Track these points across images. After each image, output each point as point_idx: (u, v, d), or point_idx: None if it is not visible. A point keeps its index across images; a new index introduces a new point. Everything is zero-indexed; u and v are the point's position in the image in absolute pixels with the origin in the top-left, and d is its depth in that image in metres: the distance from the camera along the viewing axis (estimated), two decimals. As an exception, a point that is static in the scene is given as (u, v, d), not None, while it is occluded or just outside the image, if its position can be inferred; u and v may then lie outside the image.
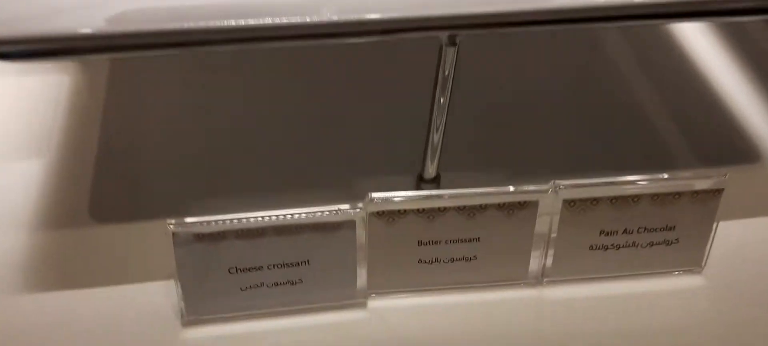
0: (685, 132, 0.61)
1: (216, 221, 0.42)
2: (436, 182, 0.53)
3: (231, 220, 0.42)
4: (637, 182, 0.45)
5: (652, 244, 0.47)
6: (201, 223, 0.42)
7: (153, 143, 0.59)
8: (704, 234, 0.48)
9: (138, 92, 0.64)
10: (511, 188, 0.44)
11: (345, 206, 0.43)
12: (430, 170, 0.52)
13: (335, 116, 0.62)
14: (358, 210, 0.43)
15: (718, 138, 0.61)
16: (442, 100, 0.47)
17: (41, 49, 0.39)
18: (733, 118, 0.63)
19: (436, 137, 0.50)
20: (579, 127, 0.61)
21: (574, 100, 0.64)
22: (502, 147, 0.59)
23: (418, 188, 0.53)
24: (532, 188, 0.44)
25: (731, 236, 0.51)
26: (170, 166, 0.57)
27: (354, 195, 0.49)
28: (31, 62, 0.48)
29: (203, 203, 0.54)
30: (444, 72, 0.45)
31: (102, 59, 0.65)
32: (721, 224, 0.48)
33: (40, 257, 0.51)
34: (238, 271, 0.44)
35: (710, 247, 0.48)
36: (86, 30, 0.38)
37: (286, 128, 0.61)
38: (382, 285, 0.47)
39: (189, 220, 0.42)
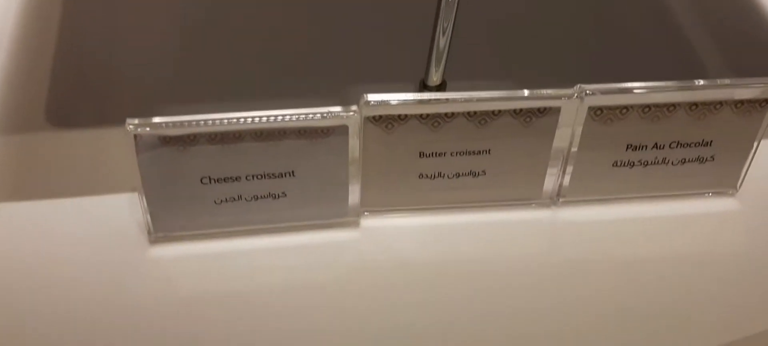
0: (724, 41, 0.55)
1: (185, 122, 0.36)
2: (441, 90, 0.47)
3: (203, 121, 0.36)
4: (675, 88, 0.39)
5: (684, 161, 0.42)
6: (167, 124, 0.36)
7: (119, 41, 0.52)
8: (743, 152, 0.42)
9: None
10: (530, 92, 0.38)
11: (336, 109, 0.37)
12: (435, 77, 0.46)
13: (332, 17, 0.55)
14: (351, 113, 0.37)
15: (761, 48, 0.55)
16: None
17: None
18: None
19: (442, 41, 0.43)
20: (603, 34, 0.55)
21: (598, 4, 0.57)
22: (515, 56, 0.53)
23: (419, 97, 0.47)
24: (553, 92, 0.38)
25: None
26: (139, 66, 0.50)
27: (349, 103, 0.43)
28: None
29: (175, 108, 0.48)
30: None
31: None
32: (764, 142, 0.42)
33: (-10, 164, 0.45)
34: (212, 181, 0.38)
35: (748, 167, 0.43)
36: None
37: (275, 29, 0.54)
38: (378, 202, 0.41)
39: (154, 120, 0.36)
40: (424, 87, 0.46)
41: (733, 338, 0.39)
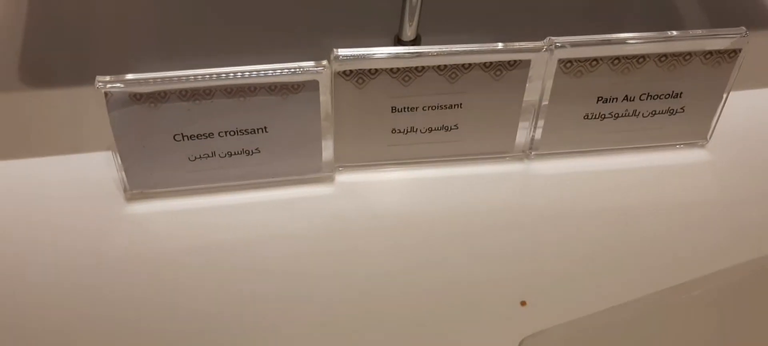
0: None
1: (155, 79, 0.36)
2: (416, 45, 0.47)
3: (173, 78, 0.36)
4: (644, 40, 0.39)
5: (654, 113, 0.42)
6: (137, 80, 0.36)
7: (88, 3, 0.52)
8: (713, 103, 0.43)
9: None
10: (500, 45, 0.38)
11: (308, 64, 0.37)
12: (409, 31, 0.46)
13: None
14: (321, 68, 0.37)
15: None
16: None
17: None
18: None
19: (415, -7, 0.43)
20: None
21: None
22: (491, 8, 0.53)
23: (394, 52, 0.47)
24: (523, 45, 0.38)
25: (741, 107, 0.46)
26: (112, 24, 0.50)
27: (322, 58, 0.43)
28: None
29: (149, 65, 0.47)
30: None
31: None
32: (733, 93, 0.43)
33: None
34: (185, 138, 0.38)
35: (718, 118, 0.44)
36: None
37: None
38: (351, 157, 0.42)
39: (124, 77, 0.36)
40: (398, 42, 0.46)
41: (701, 274, 0.40)
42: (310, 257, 0.40)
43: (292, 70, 0.37)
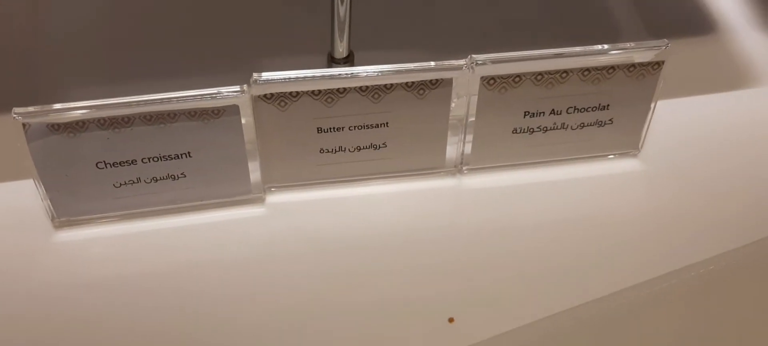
0: (625, 1, 0.56)
1: (71, 108, 0.36)
2: (349, 62, 0.47)
3: (90, 106, 0.36)
4: (565, 55, 0.39)
5: (583, 125, 0.42)
6: (54, 111, 0.36)
7: (6, 24, 0.51)
8: (641, 114, 0.43)
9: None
10: (420, 65, 0.38)
11: (226, 89, 0.37)
12: (341, 49, 0.46)
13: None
14: (240, 93, 0.37)
15: (659, 7, 0.55)
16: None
17: None
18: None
19: (342, 10, 0.43)
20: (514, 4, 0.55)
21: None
22: (424, 22, 0.53)
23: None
24: (444, 63, 0.38)
25: (671, 116, 0.46)
26: (30, 51, 0.50)
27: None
28: None
29: (70, 94, 0.47)
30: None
31: None
32: (660, 102, 0.43)
33: None
34: (108, 165, 0.38)
35: (648, 128, 0.44)
36: None
37: (172, 3, 0.53)
38: (281, 178, 0.42)
39: (40, 108, 0.36)
40: (331, 60, 0.46)
41: (634, 282, 0.40)
42: (241, 277, 0.40)
43: (211, 95, 0.37)
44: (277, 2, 0.53)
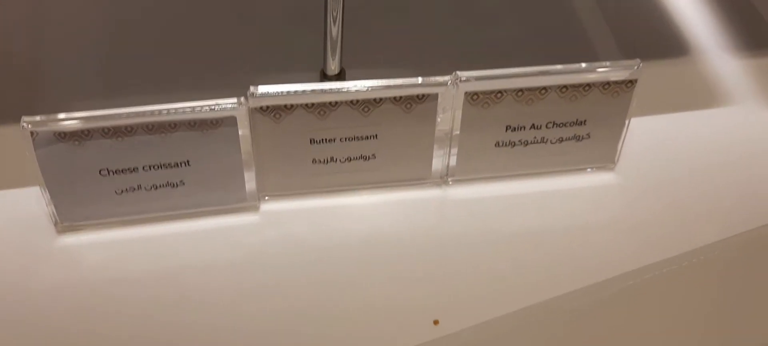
0: (609, 24, 0.58)
1: (78, 118, 0.38)
2: (340, 79, 0.49)
3: (95, 116, 0.38)
4: (544, 73, 0.41)
5: (561, 140, 0.45)
6: (61, 120, 0.38)
7: (11, 36, 0.53)
8: (617, 129, 0.45)
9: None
10: (409, 80, 0.41)
11: (225, 101, 0.39)
12: (333, 66, 0.48)
13: (230, 8, 0.57)
14: (238, 105, 0.39)
15: (639, 29, 0.58)
16: (335, -15, 0.42)
17: None
18: (658, 8, 0.60)
19: (334, 30, 0.45)
20: (498, 17, 0.57)
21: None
22: (411, 40, 0.55)
23: (321, 85, 0.49)
24: (430, 80, 0.41)
25: (645, 132, 0.49)
26: (34, 62, 0.52)
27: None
28: None
29: (76, 104, 0.49)
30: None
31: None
32: (635, 119, 0.45)
33: None
34: (110, 173, 0.40)
35: (623, 143, 0.46)
36: None
37: (174, 20, 0.55)
38: (275, 187, 0.44)
39: (47, 117, 0.38)
40: (323, 76, 0.49)
41: (610, 290, 0.43)
42: (235, 283, 0.42)
43: (211, 107, 0.39)
44: (273, 21, 0.56)
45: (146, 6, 0.56)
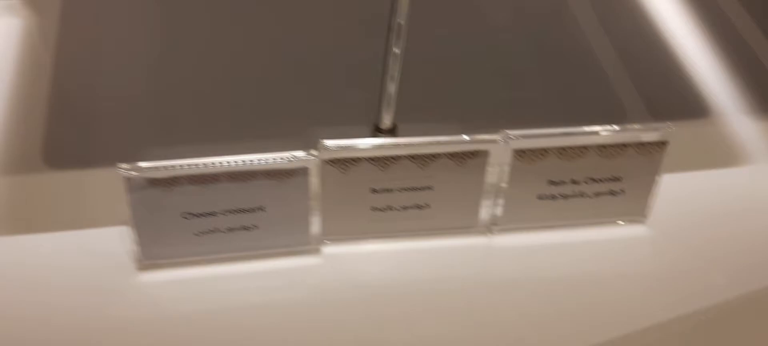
0: (637, 86, 0.63)
1: (169, 166, 0.42)
2: (392, 132, 0.53)
3: (184, 165, 0.43)
4: (585, 133, 0.46)
5: (598, 194, 0.49)
6: (154, 168, 0.42)
7: (105, 87, 0.59)
8: (648, 185, 0.49)
9: (89, 36, 0.63)
10: (464, 137, 0.45)
11: (299, 153, 0.44)
12: (387, 121, 0.52)
13: (291, 66, 0.61)
14: (312, 157, 0.44)
15: (667, 93, 0.63)
16: (396, 50, 0.47)
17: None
18: (684, 75, 0.64)
19: (391, 87, 0.50)
20: (535, 78, 0.62)
21: (529, 52, 0.65)
22: (458, 98, 0.60)
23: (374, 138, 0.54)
24: (482, 137, 0.45)
25: (674, 188, 0.53)
26: (123, 111, 0.57)
27: (311, 145, 0.50)
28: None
29: (156, 149, 0.54)
30: (398, 21, 0.45)
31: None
32: (665, 176, 0.50)
33: (-7, 202, 0.51)
34: (192, 216, 0.44)
35: (654, 198, 0.50)
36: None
37: (241, 77, 0.60)
38: (336, 232, 0.48)
39: (142, 165, 0.42)
40: (376, 130, 0.53)
41: (644, 339, 0.46)
42: (299, 320, 0.45)
43: (288, 158, 0.43)
44: (327, 78, 0.60)
45: (223, 63, 0.61)
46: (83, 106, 0.57)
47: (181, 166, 0.42)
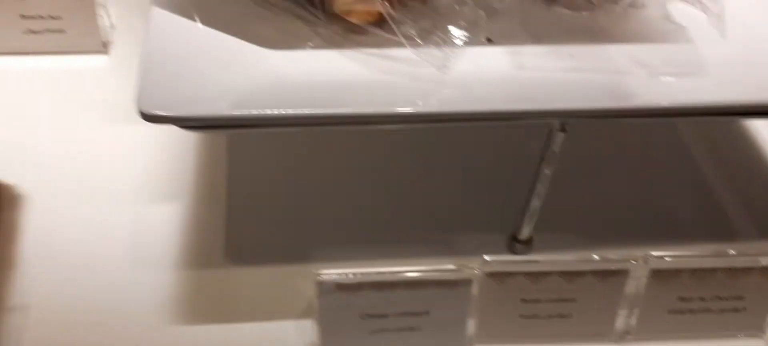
0: (754, 212, 0.68)
1: (356, 274, 0.50)
2: (529, 243, 0.60)
3: (369, 273, 0.50)
4: (716, 256, 0.52)
5: (723, 311, 0.54)
6: (344, 275, 0.50)
7: (272, 194, 0.66)
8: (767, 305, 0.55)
9: (256, 152, 0.70)
10: (609, 257, 0.51)
11: (466, 266, 0.50)
12: (526, 232, 0.59)
13: (431, 180, 0.68)
14: (476, 270, 0.50)
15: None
16: (546, 172, 0.54)
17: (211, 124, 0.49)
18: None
19: (536, 203, 0.57)
20: (658, 200, 0.68)
21: (654, 179, 0.70)
22: (588, 214, 0.66)
23: (511, 248, 0.60)
24: (625, 257, 0.51)
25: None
26: (289, 216, 0.64)
27: (453, 251, 0.58)
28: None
29: (318, 251, 0.61)
30: (553, 150, 0.53)
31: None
32: (784, 295, 0.55)
33: (179, 295, 0.58)
34: (369, 317, 0.51)
35: (773, 315, 0.55)
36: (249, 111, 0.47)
37: (389, 189, 0.68)
38: (488, 336, 0.54)
39: (335, 271, 0.50)
40: (514, 240, 0.59)
41: None
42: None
43: (455, 270, 0.50)
44: (459, 189, 0.67)
45: (371, 174, 0.68)
46: (255, 209, 0.64)
47: (367, 273, 0.50)
